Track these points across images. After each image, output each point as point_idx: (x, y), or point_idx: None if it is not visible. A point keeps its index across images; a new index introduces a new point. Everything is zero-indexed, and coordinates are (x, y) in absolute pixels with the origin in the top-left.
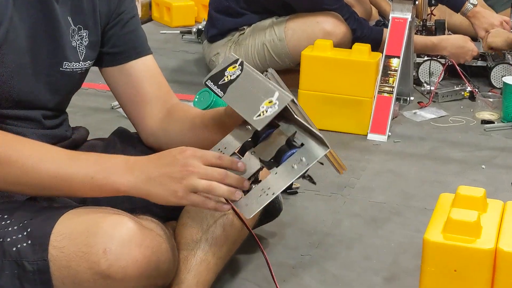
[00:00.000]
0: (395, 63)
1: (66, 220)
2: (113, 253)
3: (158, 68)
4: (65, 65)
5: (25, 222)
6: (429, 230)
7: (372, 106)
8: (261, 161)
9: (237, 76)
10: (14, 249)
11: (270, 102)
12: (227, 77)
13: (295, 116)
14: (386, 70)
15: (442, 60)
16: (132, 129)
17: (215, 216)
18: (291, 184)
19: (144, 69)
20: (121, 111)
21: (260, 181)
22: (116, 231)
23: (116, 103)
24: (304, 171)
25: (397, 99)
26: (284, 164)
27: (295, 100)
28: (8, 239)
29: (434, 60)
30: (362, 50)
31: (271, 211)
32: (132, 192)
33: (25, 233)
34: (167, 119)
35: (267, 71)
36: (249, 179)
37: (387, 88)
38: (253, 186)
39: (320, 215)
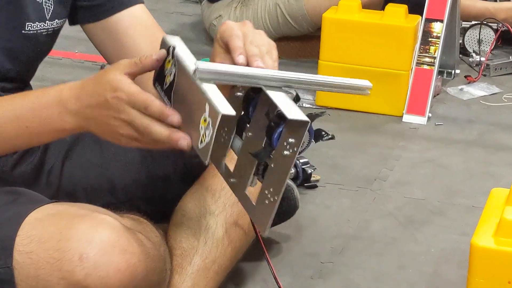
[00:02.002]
0: (438, 28)
1: (35, 220)
2: (91, 260)
3: (151, 19)
4: (27, 26)
5: None
6: (478, 234)
7: (408, 81)
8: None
9: (174, 76)
10: None
11: (205, 120)
12: (167, 77)
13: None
14: (427, 37)
15: (495, 25)
16: None
17: (215, 215)
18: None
19: (133, 22)
20: None
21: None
22: (95, 234)
23: None
24: (295, 157)
25: (440, 73)
26: (276, 152)
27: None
28: None
29: (485, 25)
30: (397, 12)
31: (285, 209)
32: (78, 130)
33: None
34: None
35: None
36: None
37: (427, 59)
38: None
39: (345, 214)
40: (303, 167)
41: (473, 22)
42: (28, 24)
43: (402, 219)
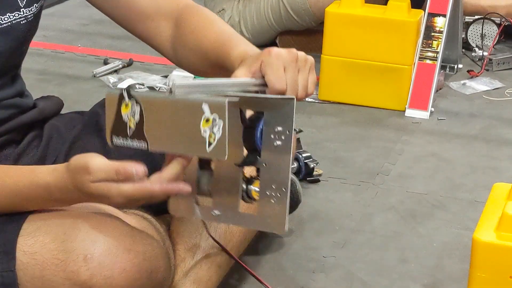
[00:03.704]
0: (440, 22)
1: (38, 219)
2: (95, 260)
3: None
4: (0, 20)
5: None
6: (480, 228)
7: (411, 75)
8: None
9: (141, 113)
10: None
11: (207, 120)
12: (130, 121)
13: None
14: (429, 32)
15: (498, 20)
16: None
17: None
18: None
19: None
20: (105, 79)
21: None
22: (99, 234)
23: (100, 70)
24: (292, 138)
25: (442, 67)
26: (264, 150)
27: (229, 89)
28: None
29: (487, 19)
30: (400, 6)
31: None
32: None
33: None
34: (177, 42)
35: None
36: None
37: (430, 54)
38: (255, 199)
39: (347, 208)
40: (305, 161)
41: (476, 17)
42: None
43: (404, 213)
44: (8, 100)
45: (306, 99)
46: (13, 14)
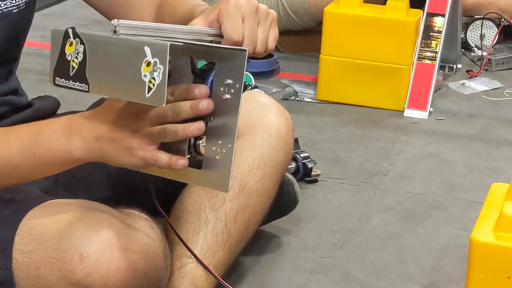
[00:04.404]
0: (439, 22)
1: (34, 218)
2: (91, 259)
3: None
4: None
5: None
6: (478, 228)
7: (410, 75)
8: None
9: (84, 53)
10: None
11: (148, 64)
12: (73, 61)
13: (187, 43)
14: (428, 32)
15: (497, 20)
16: None
17: (215, 209)
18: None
19: None
20: None
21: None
22: (95, 233)
23: None
24: (241, 93)
25: (441, 67)
26: (213, 101)
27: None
28: None
29: (487, 19)
30: (398, 6)
31: (285, 203)
32: (87, 157)
33: None
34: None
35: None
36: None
37: (428, 54)
38: (199, 155)
39: (345, 208)
40: (303, 161)
41: (475, 17)
42: None
43: (402, 214)
44: (1, 98)
45: (305, 99)
46: (4, 2)
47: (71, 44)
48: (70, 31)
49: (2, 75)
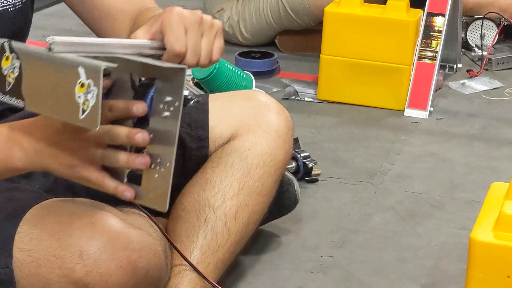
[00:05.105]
0: (439, 22)
1: (34, 217)
2: (91, 257)
3: None
4: None
5: None
6: (477, 228)
7: (410, 75)
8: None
9: (20, 68)
10: None
11: (82, 85)
12: (9, 76)
13: (124, 57)
14: (428, 31)
15: (497, 19)
16: None
17: (214, 208)
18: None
19: None
20: None
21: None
22: (95, 231)
23: None
24: (180, 111)
25: (442, 67)
26: (153, 119)
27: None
28: None
29: (487, 19)
30: (398, 6)
31: (285, 203)
32: (29, 168)
33: None
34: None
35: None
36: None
37: (429, 53)
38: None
39: (345, 208)
40: (304, 161)
41: (476, 16)
42: None
43: (402, 213)
44: None
45: (305, 98)
46: (1, 2)
47: (7, 59)
48: (6, 45)
49: None
